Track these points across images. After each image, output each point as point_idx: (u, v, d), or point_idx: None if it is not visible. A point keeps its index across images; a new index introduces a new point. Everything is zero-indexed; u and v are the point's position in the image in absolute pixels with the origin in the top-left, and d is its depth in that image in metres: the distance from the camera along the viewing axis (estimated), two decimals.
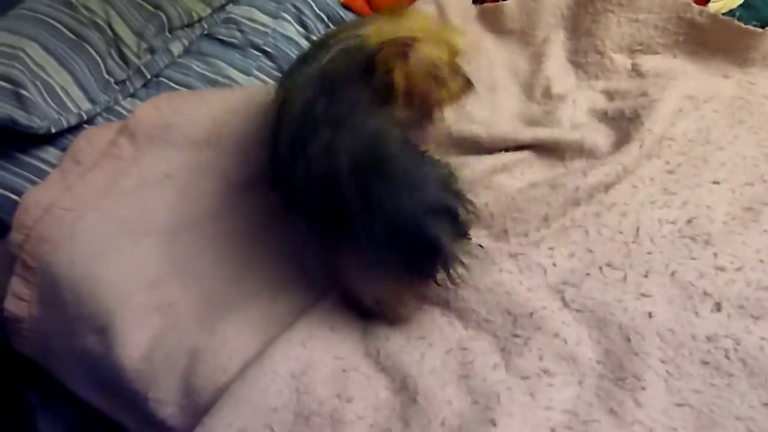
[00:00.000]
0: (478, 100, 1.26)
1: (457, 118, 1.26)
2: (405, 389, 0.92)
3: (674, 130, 1.19)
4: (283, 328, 0.99)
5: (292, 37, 1.49)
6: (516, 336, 0.96)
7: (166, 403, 0.99)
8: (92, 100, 1.33)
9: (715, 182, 1.12)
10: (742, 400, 0.83)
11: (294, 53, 1.46)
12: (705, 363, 0.87)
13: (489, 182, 1.17)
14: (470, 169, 1.18)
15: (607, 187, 1.13)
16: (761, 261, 0.99)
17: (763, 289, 0.95)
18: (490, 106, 1.33)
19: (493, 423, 0.84)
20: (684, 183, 1.12)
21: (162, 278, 1.09)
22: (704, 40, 1.34)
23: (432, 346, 0.97)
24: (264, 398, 0.91)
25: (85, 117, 1.31)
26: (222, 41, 1.47)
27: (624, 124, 1.22)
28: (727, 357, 0.87)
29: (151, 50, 1.41)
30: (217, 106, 1.28)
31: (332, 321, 0.99)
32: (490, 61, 1.45)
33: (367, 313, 1.00)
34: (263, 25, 1.48)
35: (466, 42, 1.10)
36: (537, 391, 0.89)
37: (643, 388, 0.86)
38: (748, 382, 0.85)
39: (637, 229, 1.05)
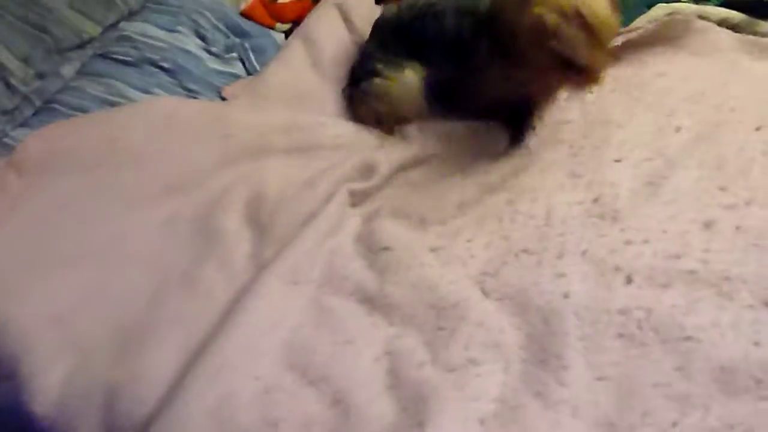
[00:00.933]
0: None
1: None
2: (338, 403, 0.90)
3: (570, 114, 1.23)
4: (200, 349, 0.95)
5: (191, 51, 1.44)
6: (441, 329, 0.96)
7: None
8: None
9: (617, 160, 1.16)
10: (657, 368, 0.86)
11: (196, 67, 1.42)
12: (620, 335, 0.90)
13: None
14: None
15: (517, 173, 1.15)
16: (664, 231, 1.03)
17: (668, 258, 0.98)
18: None
19: (421, 425, 0.84)
20: (588, 165, 1.15)
21: (70, 312, 1.02)
22: None
23: (360, 354, 0.96)
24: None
25: None
26: (117, 60, 1.41)
27: None
28: (640, 327, 0.90)
29: (40, 75, 1.34)
30: (106, 125, 1.24)
31: (247, 338, 0.95)
32: None
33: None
34: (159, 40, 1.43)
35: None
36: (465, 384, 0.89)
37: (564, 368, 0.87)
38: (661, 349, 0.87)
39: (548, 213, 1.07)
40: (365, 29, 1.48)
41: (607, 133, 1.20)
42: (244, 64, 1.49)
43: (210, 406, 0.89)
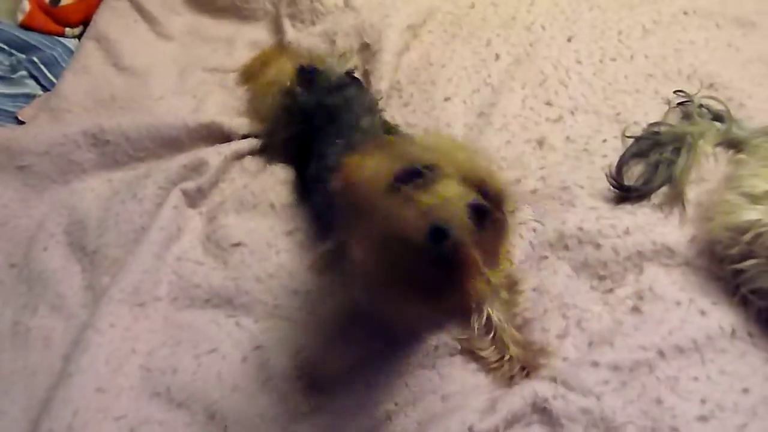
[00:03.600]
0: None
1: None
2: (213, 416, 0.84)
3: (399, 69, 1.21)
4: (46, 405, 0.85)
5: None
6: (310, 313, 0.92)
7: None
8: None
9: (447, 99, 1.15)
10: None
11: None
12: None
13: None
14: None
15: None
16: (503, 158, 1.04)
17: (512, 183, 0.99)
18: None
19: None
20: (420, 110, 1.15)
21: None
22: None
23: (226, 359, 0.90)
24: None
25: None
26: None
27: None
28: None
29: None
30: None
31: (98, 378, 0.86)
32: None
33: None
34: None
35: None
36: None
37: None
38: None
39: None
40: (163, 16, 1.37)
41: (431, 75, 1.20)
42: (37, 80, 1.32)
43: None
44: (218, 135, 1.12)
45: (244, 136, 1.14)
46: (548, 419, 0.71)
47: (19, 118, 1.24)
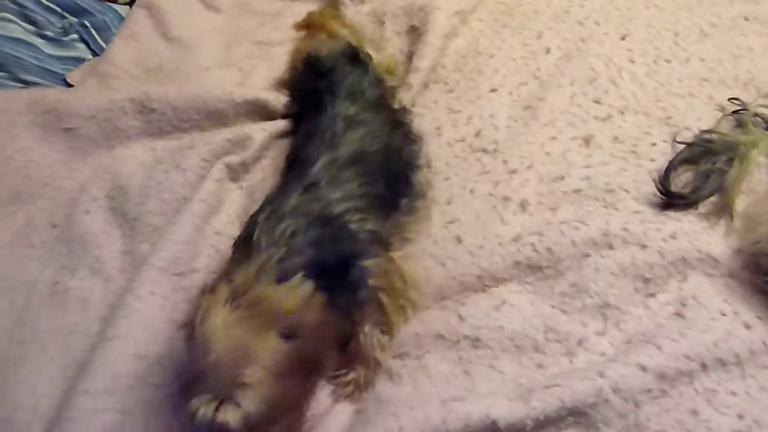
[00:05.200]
0: None
1: None
2: None
3: (446, 54, 1.19)
4: (84, 366, 0.86)
5: (20, 39, 1.27)
6: None
7: None
8: None
9: (493, 90, 1.14)
10: (555, 286, 0.86)
11: (31, 56, 1.26)
12: (517, 263, 0.89)
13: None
14: None
15: None
16: (547, 154, 1.03)
17: (554, 180, 0.98)
18: None
19: None
20: (465, 98, 1.13)
21: None
22: None
23: None
24: None
25: None
26: None
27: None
28: (535, 251, 0.89)
29: None
30: None
31: (136, 345, 0.86)
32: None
33: None
34: None
35: None
36: None
37: (463, 304, 0.86)
38: (557, 268, 0.87)
39: (428, 161, 1.04)
40: None
41: (479, 64, 1.18)
42: (87, 44, 1.33)
43: (109, 424, 0.81)
44: (263, 112, 1.12)
45: (286, 116, 1.14)
46: (585, 421, 0.71)
47: (68, 80, 1.26)
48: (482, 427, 0.71)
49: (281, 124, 1.11)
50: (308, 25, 1.25)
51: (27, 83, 1.22)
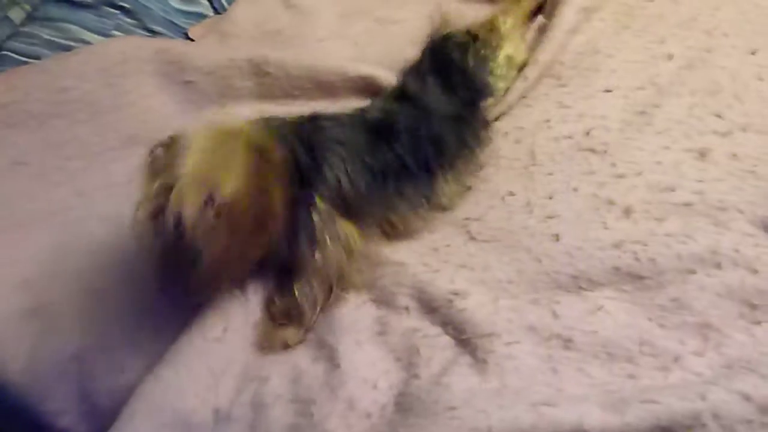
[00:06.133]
0: None
1: None
2: (329, 359, 0.86)
3: (565, 50, 1.17)
4: (186, 315, 0.90)
5: None
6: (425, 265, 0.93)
7: (62, 412, 0.89)
8: None
9: (608, 90, 1.11)
10: (654, 299, 0.83)
11: (158, 7, 1.31)
12: (617, 269, 0.86)
13: None
14: None
15: (497, 116, 1.11)
16: (659, 163, 0.99)
17: (663, 190, 0.95)
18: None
19: (417, 376, 0.81)
20: (577, 95, 1.11)
21: (34, 277, 0.95)
22: None
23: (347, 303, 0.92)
24: (181, 401, 0.82)
25: None
26: (71, 2, 1.29)
27: None
28: (637, 259, 0.86)
29: None
30: (57, 73, 1.13)
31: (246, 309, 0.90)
32: None
33: None
34: None
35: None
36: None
37: (557, 302, 0.85)
38: (658, 280, 0.84)
39: (533, 153, 1.03)
40: None
41: (596, 62, 1.15)
42: (211, 2, 1.39)
43: (212, 366, 0.85)
44: (373, 89, 1.13)
45: None
46: None
47: (189, 35, 1.31)
48: None
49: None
50: None
51: (153, 33, 1.28)
